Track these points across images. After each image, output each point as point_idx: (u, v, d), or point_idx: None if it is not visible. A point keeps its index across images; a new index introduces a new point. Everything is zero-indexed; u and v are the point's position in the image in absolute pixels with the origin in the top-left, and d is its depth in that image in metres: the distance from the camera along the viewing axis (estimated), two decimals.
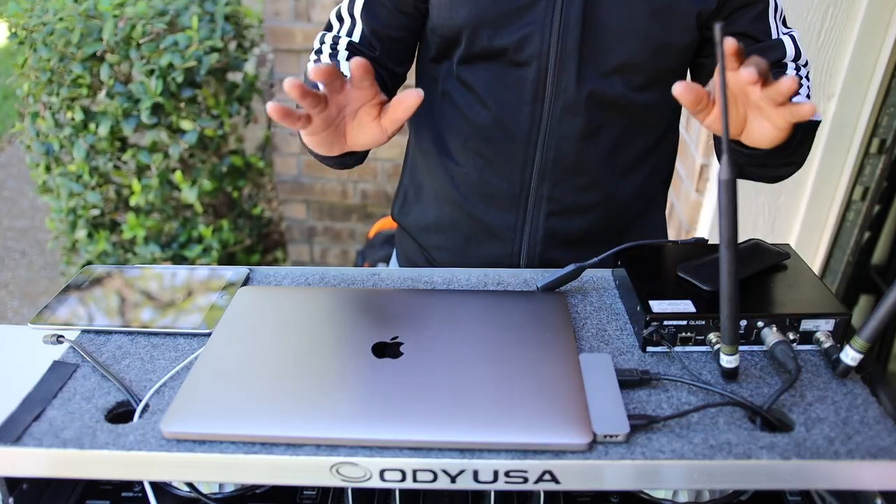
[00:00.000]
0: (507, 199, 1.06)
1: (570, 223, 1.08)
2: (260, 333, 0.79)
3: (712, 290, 0.80)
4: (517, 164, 1.03)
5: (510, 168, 1.04)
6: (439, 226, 1.14)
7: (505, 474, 0.64)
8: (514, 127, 1.01)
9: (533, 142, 1.02)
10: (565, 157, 1.02)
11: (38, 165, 2.25)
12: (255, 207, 2.73)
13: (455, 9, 0.98)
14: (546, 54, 0.97)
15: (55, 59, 2.02)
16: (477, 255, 1.11)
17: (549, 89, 0.99)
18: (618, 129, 1.03)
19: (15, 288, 3.01)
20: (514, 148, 1.03)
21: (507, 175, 1.05)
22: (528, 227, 1.07)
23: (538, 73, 0.98)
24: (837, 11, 1.53)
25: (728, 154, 0.64)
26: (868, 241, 1.73)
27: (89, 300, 0.89)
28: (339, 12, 1.08)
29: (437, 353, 0.75)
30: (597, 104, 0.99)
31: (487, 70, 1.01)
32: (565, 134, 1.01)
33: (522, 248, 1.09)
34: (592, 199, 1.07)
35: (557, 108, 1.00)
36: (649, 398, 0.71)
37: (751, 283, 0.82)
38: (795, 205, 1.76)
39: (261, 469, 0.65)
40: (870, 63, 1.56)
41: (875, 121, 1.59)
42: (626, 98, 1.00)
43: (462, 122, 1.05)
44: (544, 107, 1.00)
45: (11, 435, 0.67)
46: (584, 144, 1.02)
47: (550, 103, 0.99)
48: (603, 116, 1.01)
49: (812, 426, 0.67)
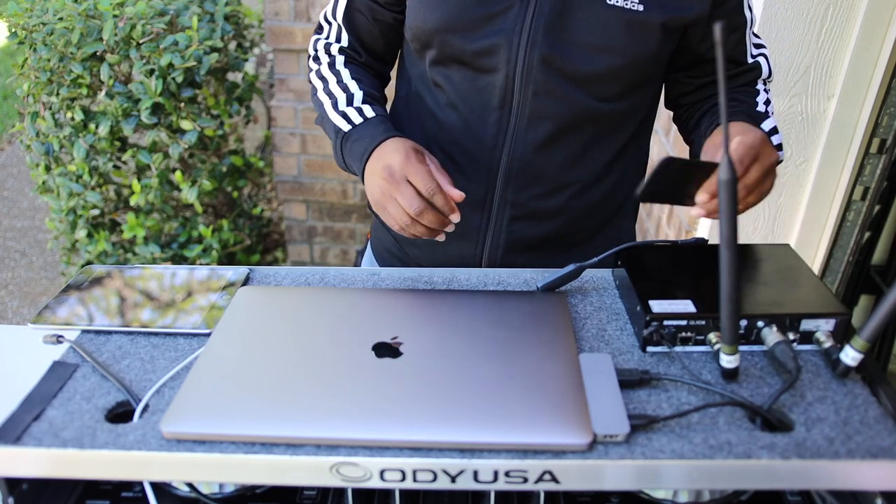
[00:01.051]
0: (472, 201, 1.06)
1: (533, 228, 1.08)
2: (260, 333, 0.79)
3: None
4: (483, 167, 1.04)
5: (477, 171, 1.05)
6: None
7: (505, 474, 0.64)
8: (482, 131, 1.02)
9: (499, 147, 1.03)
10: (530, 164, 1.03)
11: (38, 165, 2.25)
12: (255, 207, 2.73)
13: (427, 13, 0.99)
14: (514, 63, 0.97)
15: (55, 59, 2.01)
16: (444, 253, 1.11)
17: (516, 97, 0.99)
18: (584, 137, 1.03)
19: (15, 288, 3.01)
20: (481, 152, 1.03)
21: (473, 178, 1.05)
22: (492, 230, 1.08)
23: (505, 80, 0.98)
24: (837, 11, 1.53)
25: (727, 154, 0.64)
26: (868, 241, 1.73)
27: (89, 300, 0.89)
28: (326, 15, 1.12)
29: (437, 353, 0.75)
30: (563, 113, 1.00)
31: (458, 73, 1.01)
32: (531, 141, 1.01)
33: (485, 251, 1.09)
34: (556, 206, 1.07)
35: (524, 116, 1.00)
36: (649, 398, 0.71)
37: (751, 283, 0.82)
38: (795, 205, 1.76)
39: (261, 469, 0.65)
40: (870, 63, 1.56)
41: (875, 121, 1.58)
42: (592, 108, 1.00)
43: (433, 122, 1.06)
44: (511, 114, 1.00)
45: (11, 435, 0.67)
46: (549, 152, 1.02)
47: (517, 111, 1.00)
48: (569, 125, 1.01)
49: (812, 426, 0.67)
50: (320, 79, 1.10)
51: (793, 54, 1.58)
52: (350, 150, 1.01)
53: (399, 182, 0.88)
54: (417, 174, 0.87)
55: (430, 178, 0.87)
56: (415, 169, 0.88)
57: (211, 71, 2.16)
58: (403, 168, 0.88)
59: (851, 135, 1.63)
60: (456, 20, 0.97)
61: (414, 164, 0.88)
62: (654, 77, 1.06)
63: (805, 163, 1.70)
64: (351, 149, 1.01)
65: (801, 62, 1.59)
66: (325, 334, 0.79)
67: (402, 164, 0.89)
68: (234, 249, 2.53)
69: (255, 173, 2.65)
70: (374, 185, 0.92)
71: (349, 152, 1.01)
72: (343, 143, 1.03)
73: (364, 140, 0.98)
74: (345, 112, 1.03)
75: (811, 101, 1.63)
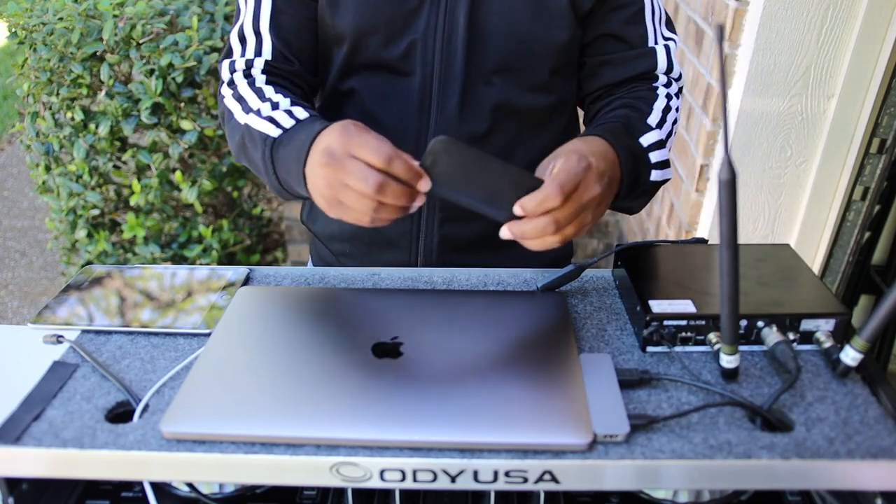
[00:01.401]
0: None
1: (464, 229, 1.07)
2: (260, 333, 0.79)
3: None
4: None
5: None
6: (343, 235, 1.13)
7: (505, 474, 0.64)
8: (402, 137, 0.99)
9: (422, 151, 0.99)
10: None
11: (37, 165, 2.25)
12: (255, 207, 2.73)
13: (337, 16, 0.96)
14: (430, 63, 0.96)
15: (55, 59, 2.01)
16: (379, 261, 1.10)
17: (435, 98, 0.98)
18: (509, 133, 1.02)
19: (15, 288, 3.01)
20: None
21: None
22: (423, 234, 1.07)
23: (423, 82, 0.97)
24: (837, 11, 1.53)
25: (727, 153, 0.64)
26: (868, 241, 1.73)
27: (89, 300, 0.89)
28: (242, 32, 1.01)
29: (436, 354, 0.75)
30: (484, 110, 0.99)
31: (374, 79, 0.99)
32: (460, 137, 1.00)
33: (419, 255, 1.08)
34: None
35: (444, 116, 0.98)
36: (649, 398, 0.71)
37: (751, 283, 0.82)
38: (795, 205, 1.76)
39: (261, 469, 0.65)
40: (870, 63, 1.56)
41: (875, 121, 1.58)
42: (513, 102, 0.99)
43: None
44: (431, 115, 0.99)
45: (11, 435, 0.67)
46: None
47: (437, 111, 0.98)
48: (492, 121, 1.00)
49: (812, 426, 0.67)
50: (238, 100, 0.96)
51: (793, 54, 1.58)
52: (283, 157, 0.86)
53: (343, 161, 0.74)
54: (364, 145, 0.73)
55: (380, 144, 0.74)
56: (359, 140, 0.74)
57: (211, 71, 2.15)
58: (344, 144, 0.74)
59: (851, 135, 1.63)
60: (369, 23, 0.94)
61: (356, 135, 0.75)
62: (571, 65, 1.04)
63: (805, 163, 1.70)
64: (285, 156, 0.85)
65: (801, 62, 1.59)
66: (325, 334, 0.79)
67: (341, 140, 0.75)
68: (234, 249, 2.53)
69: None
70: (318, 179, 0.78)
71: (282, 161, 0.86)
72: (273, 151, 0.87)
73: (298, 139, 0.84)
74: (272, 117, 0.90)
75: (811, 101, 1.63)
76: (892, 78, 1.54)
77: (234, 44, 1.01)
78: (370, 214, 0.76)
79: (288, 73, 1.00)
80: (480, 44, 0.95)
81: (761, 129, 1.67)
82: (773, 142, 1.68)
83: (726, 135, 0.62)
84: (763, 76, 1.61)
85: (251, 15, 0.99)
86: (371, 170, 0.73)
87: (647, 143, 0.94)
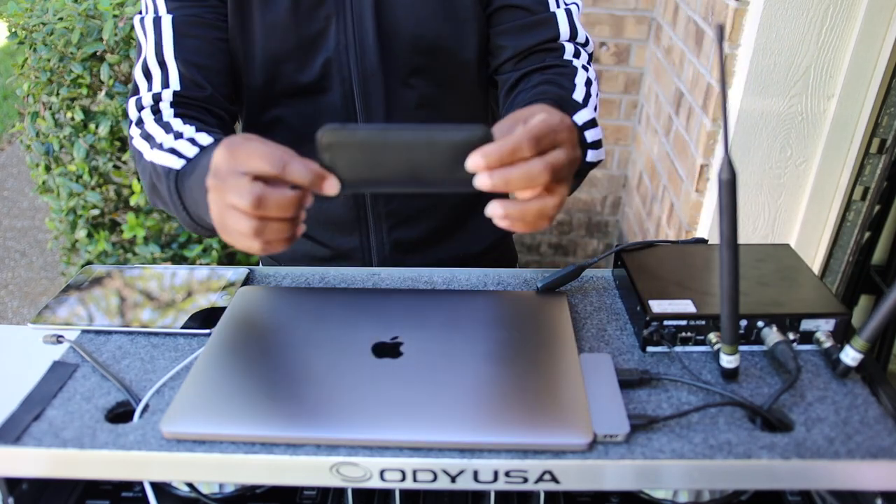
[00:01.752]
0: (347, 224, 1.06)
1: (413, 230, 1.09)
2: (260, 333, 0.79)
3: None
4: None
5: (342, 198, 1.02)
6: (295, 254, 1.13)
7: (505, 474, 0.64)
8: None
9: None
10: None
11: (38, 165, 2.25)
12: None
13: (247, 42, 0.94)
14: (348, 77, 0.96)
15: (55, 59, 2.01)
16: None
17: (360, 108, 0.98)
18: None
19: (15, 288, 3.01)
20: None
21: (340, 202, 1.04)
22: (375, 245, 1.08)
23: (343, 95, 0.97)
24: (837, 11, 1.53)
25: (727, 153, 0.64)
26: (868, 241, 1.73)
27: (89, 300, 0.89)
28: (146, 66, 0.94)
29: (436, 353, 0.75)
30: (408, 113, 0.99)
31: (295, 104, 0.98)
32: None
33: (374, 265, 1.10)
34: (424, 205, 1.08)
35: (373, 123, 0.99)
36: (649, 398, 0.71)
37: (751, 283, 0.82)
38: (795, 205, 1.76)
39: (261, 469, 0.65)
40: (870, 63, 1.56)
41: (875, 121, 1.58)
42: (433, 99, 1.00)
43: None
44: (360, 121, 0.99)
45: (11, 435, 0.67)
46: None
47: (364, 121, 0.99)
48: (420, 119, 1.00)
49: (812, 426, 0.67)
50: (145, 139, 0.89)
51: (793, 54, 1.58)
52: (189, 188, 0.77)
53: (226, 179, 0.64)
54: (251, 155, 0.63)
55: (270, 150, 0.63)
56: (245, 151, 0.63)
57: None
58: (229, 159, 0.64)
59: (851, 135, 1.63)
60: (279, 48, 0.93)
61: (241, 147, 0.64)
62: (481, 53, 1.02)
63: (805, 163, 1.70)
64: (190, 186, 0.77)
65: (801, 62, 1.59)
66: (324, 334, 0.79)
67: (225, 155, 0.65)
68: (234, 249, 2.53)
69: None
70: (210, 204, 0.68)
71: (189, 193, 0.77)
72: (178, 183, 0.79)
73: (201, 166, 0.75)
74: (174, 148, 0.82)
75: (811, 101, 1.63)
76: (892, 78, 1.54)
77: (139, 80, 0.95)
78: (253, 237, 0.65)
79: (200, 100, 0.94)
80: (391, 50, 0.95)
81: (761, 129, 1.67)
82: (773, 142, 1.68)
83: (726, 135, 0.62)
84: (763, 76, 1.61)
85: (152, 45, 0.93)
86: (251, 183, 0.62)
87: (580, 121, 0.89)
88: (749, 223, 1.78)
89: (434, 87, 1.00)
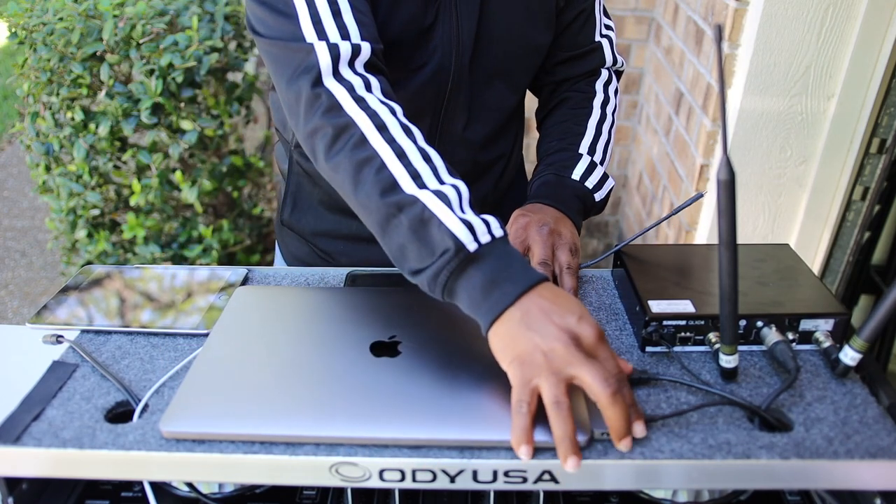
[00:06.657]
0: None
1: None
2: (258, 333, 0.79)
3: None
4: None
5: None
6: (338, 233, 1.14)
7: (504, 474, 0.64)
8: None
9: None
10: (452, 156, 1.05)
11: (38, 165, 2.25)
12: (255, 207, 2.73)
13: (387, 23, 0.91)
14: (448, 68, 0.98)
15: (55, 59, 2.01)
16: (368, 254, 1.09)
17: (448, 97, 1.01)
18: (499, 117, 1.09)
19: (15, 288, 3.01)
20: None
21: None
22: None
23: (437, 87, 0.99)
24: (837, 11, 1.53)
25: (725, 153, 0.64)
26: (868, 241, 1.73)
27: (88, 300, 0.89)
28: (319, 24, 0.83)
29: (434, 352, 0.75)
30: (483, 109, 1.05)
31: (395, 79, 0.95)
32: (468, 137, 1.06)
33: None
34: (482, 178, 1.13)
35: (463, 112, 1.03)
36: (648, 398, 0.71)
37: (751, 283, 0.82)
38: (795, 205, 1.76)
39: (260, 469, 0.65)
40: (870, 63, 1.56)
41: (875, 121, 1.58)
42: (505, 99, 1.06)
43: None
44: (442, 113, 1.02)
45: (11, 435, 0.67)
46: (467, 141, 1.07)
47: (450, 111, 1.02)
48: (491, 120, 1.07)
49: (811, 426, 0.67)
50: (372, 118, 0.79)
51: (793, 54, 1.58)
52: (468, 276, 0.70)
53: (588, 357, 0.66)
54: (609, 357, 0.67)
55: (618, 363, 0.67)
56: (606, 350, 0.67)
57: (211, 71, 2.15)
58: (595, 344, 0.67)
59: (851, 135, 1.63)
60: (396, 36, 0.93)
61: (605, 343, 0.68)
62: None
63: (805, 163, 1.70)
64: (469, 275, 0.70)
65: (801, 62, 1.59)
66: (323, 333, 0.79)
67: (593, 337, 0.67)
68: (234, 249, 2.53)
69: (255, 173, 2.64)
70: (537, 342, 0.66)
71: (467, 278, 0.70)
72: (460, 262, 0.70)
73: (504, 280, 0.69)
74: (467, 220, 0.71)
75: (811, 101, 1.63)
76: (892, 78, 1.54)
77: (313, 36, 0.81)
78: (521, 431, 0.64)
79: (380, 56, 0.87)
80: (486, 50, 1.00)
81: (761, 129, 1.67)
82: (772, 142, 1.68)
83: (725, 135, 0.62)
84: (763, 76, 1.61)
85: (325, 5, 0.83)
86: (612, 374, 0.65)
87: (591, 184, 1.02)
88: (749, 223, 1.78)
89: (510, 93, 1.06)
